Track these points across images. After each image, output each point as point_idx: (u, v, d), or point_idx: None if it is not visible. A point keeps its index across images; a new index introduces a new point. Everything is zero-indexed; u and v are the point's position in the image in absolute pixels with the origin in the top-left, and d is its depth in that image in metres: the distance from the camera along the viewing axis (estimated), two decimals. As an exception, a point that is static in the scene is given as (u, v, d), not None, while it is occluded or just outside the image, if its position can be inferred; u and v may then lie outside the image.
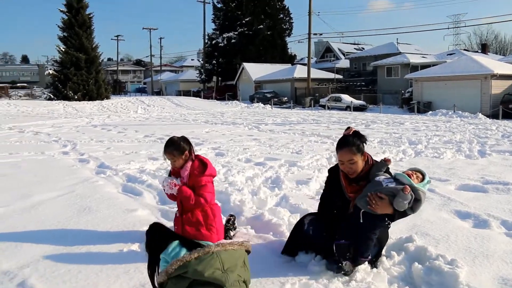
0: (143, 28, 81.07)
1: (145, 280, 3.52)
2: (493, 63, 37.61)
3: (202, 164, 4.41)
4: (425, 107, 35.03)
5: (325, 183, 4.20)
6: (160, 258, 2.85)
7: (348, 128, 3.95)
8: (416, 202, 3.60)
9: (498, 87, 33.95)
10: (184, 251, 2.69)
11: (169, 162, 4.46)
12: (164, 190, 4.41)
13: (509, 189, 6.50)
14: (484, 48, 63.52)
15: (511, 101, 31.33)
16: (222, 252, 2.61)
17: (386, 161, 3.86)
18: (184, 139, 4.42)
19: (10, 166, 9.08)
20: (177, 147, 4.31)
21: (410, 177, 3.65)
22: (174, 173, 4.47)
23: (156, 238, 2.97)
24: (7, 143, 13.35)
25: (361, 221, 3.61)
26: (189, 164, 4.34)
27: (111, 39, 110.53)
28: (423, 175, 3.75)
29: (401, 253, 4.02)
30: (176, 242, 2.79)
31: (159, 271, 2.81)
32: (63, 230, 4.85)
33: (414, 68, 46.23)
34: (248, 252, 2.85)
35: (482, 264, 3.79)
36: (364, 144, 3.85)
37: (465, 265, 3.70)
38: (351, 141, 3.76)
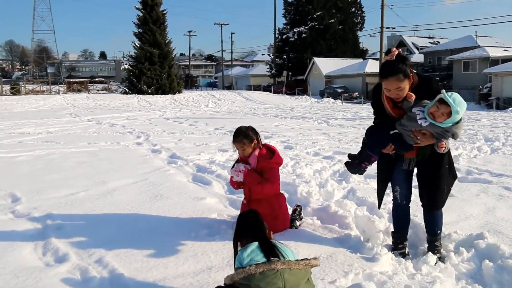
0: (215, 24, 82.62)
1: (212, 263, 3.67)
2: None
3: (270, 151, 4.58)
4: (505, 104, 33.27)
5: (372, 104, 3.96)
6: (238, 253, 2.94)
7: (390, 50, 3.65)
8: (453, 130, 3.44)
9: None
10: (260, 257, 2.75)
11: (237, 152, 4.60)
12: (232, 179, 4.56)
13: None
14: None
15: None
16: (286, 271, 2.65)
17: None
18: (252, 129, 4.57)
19: (88, 154, 9.62)
20: (246, 135, 4.46)
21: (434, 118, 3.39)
22: (242, 161, 4.59)
23: (243, 226, 3.07)
24: (86, 133, 14.13)
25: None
26: (257, 151, 4.49)
27: (184, 35, 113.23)
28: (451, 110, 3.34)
29: (471, 250, 3.92)
30: (255, 245, 2.84)
31: (235, 267, 2.89)
32: (136, 215, 5.11)
33: (494, 62, 43.99)
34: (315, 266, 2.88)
35: (559, 266, 3.60)
36: (407, 65, 3.50)
37: (541, 265, 3.54)
38: (397, 68, 3.42)
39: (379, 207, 4.22)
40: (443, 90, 3.40)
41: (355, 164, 3.95)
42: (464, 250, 3.90)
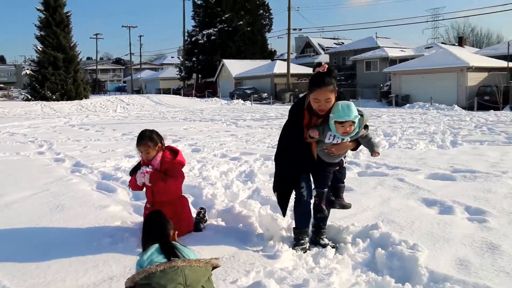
0: (123, 26, 79.95)
1: (113, 273, 3.59)
2: (469, 56, 38.24)
3: (173, 152, 4.60)
4: (403, 100, 35.41)
5: (290, 121, 4.11)
6: (138, 257, 2.90)
7: (320, 64, 3.83)
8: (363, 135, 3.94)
9: (474, 80, 34.52)
10: (160, 258, 2.74)
11: (141, 155, 4.57)
12: (132, 181, 4.52)
13: (475, 176, 6.68)
14: (461, 41, 64.28)
15: (486, 93, 31.87)
16: (187, 268, 2.66)
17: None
18: (156, 132, 4.59)
19: (-17, 167, 9.00)
20: (151, 138, 4.46)
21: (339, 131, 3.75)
22: (144, 164, 4.55)
23: (146, 229, 3.02)
24: (-18, 144, 13.20)
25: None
26: (160, 153, 4.50)
27: (90, 38, 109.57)
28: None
29: (366, 240, 4.14)
30: (155, 247, 2.82)
31: (135, 270, 2.85)
32: (35, 228, 4.86)
33: (393, 61, 46.66)
34: (216, 267, 2.91)
35: (442, 248, 3.92)
36: (336, 78, 3.78)
37: (426, 249, 3.83)
38: (328, 80, 3.66)
39: (284, 215, 4.30)
40: (331, 115, 3.70)
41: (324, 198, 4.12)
42: (360, 241, 4.11)
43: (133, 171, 4.65)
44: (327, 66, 3.79)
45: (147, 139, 4.45)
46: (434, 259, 3.68)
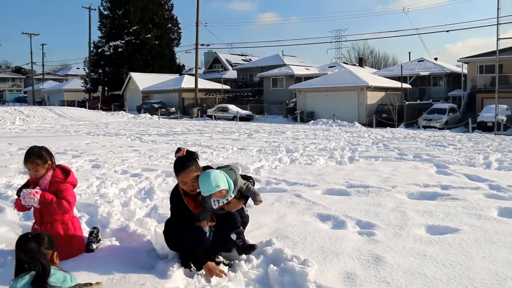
0: (23, 33, 75.81)
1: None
2: (368, 76, 40.54)
3: (64, 172, 4.41)
4: (308, 117, 36.69)
5: (171, 209, 4.23)
6: (10, 284, 2.71)
7: (180, 149, 4.09)
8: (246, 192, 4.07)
9: (373, 98, 36.59)
10: None
11: (28, 173, 4.33)
12: (23, 204, 4.25)
13: (368, 191, 7.03)
14: (361, 62, 67.94)
15: (384, 111, 33.88)
16: None
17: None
18: (46, 149, 4.38)
19: None
20: (40, 155, 4.25)
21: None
22: (33, 183, 4.33)
23: (17, 255, 2.80)
24: None
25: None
26: (50, 172, 4.30)
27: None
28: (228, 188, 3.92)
29: (260, 257, 4.19)
30: (29, 277, 2.63)
31: None
32: None
33: (298, 79, 48.29)
34: None
35: (331, 262, 4.07)
36: (198, 159, 4.06)
37: (316, 263, 3.95)
38: (189, 162, 3.95)
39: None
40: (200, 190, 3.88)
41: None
42: (254, 258, 4.15)
43: (20, 191, 4.39)
44: (185, 149, 4.06)
45: (35, 156, 4.23)
46: (322, 273, 3.81)
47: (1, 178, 8.50)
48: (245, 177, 4.25)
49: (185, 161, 3.96)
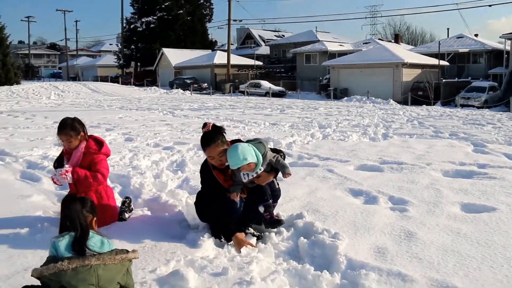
0: (57, 10, 77.09)
1: (29, 264, 3.44)
2: (404, 52, 39.62)
3: (98, 143, 4.45)
4: (341, 94, 36.24)
5: (201, 182, 4.27)
6: (52, 241, 2.77)
7: (206, 124, 4.08)
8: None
9: (408, 75, 35.83)
10: (68, 254, 2.63)
11: (61, 144, 4.39)
12: (57, 183, 4.31)
13: (402, 168, 6.90)
14: (397, 38, 66.31)
15: (420, 88, 33.15)
16: (100, 267, 2.57)
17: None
18: (78, 120, 4.42)
19: None
20: (73, 127, 4.29)
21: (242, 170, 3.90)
22: (67, 153, 4.38)
23: (62, 215, 2.87)
24: None
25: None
26: (84, 144, 4.35)
27: (21, 20, 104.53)
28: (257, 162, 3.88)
29: (290, 229, 4.18)
30: (70, 236, 2.70)
31: (49, 253, 2.74)
32: None
33: (332, 55, 47.59)
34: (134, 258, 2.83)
35: (362, 236, 4.02)
36: (224, 133, 4.02)
37: (347, 237, 3.91)
38: (214, 137, 3.93)
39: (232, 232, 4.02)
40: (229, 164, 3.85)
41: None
42: (284, 230, 4.15)
43: (56, 165, 4.45)
44: (211, 124, 4.05)
45: (69, 127, 4.27)
46: (353, 247, 3.77)
47: (38, 149, 8.71)
48: (275, 151, 4.21)
49: (211, 136, 3.94)
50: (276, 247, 3.88)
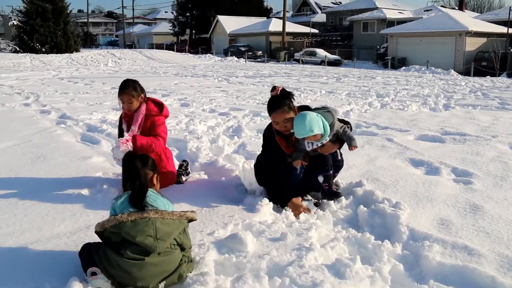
0: (115, -22, 78.27)
1: (90, 222, 3.53)
2: (469, 20, 37.70)
3: (158, 105, 4.47)
4: (399, 63, 35.13)
5: (263, 146, 4.20)
6: (111, 203, 2.82)
7: (274, 88, 3.97)
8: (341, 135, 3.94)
9: (472, 44, 34.20)
10: (127, 209, 2.67)
11: (122, 106, 4.41)
12: (117, 158, 4.21)
13: (465, 139, 6.60)
14: (461, 5, 62.92)
15: (484, 58, 31.60)
16: (159, 220, 2.60)
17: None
18: (138, 83, 4.43)
19: (-33, 116, 8.85)
20: (134, 88, 4.33)
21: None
22: (126, 117, 4.42)
23: (124, 172, 2.92)
24: (-33, 94, 12.95)
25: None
26: (144, 106, 4.36)
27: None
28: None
29: (350, 197, 4.10)
30: (125, 196, 2.75)
31: (109, 214, 2.79)
32: (14, 178, 4.77)
33: (391, 23, 46.02)
34: (192, 220, 2.83)
35: (424, 207, 3.87)
36: (293, 99, 3.91)
37: (408, 207, 3.78)
38: (281, 102, 3.81)
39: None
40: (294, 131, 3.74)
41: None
42: (343, 198, 4.06)
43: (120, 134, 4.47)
44: (280, 88, 3.92)
45: (131, 88, 4.30)
46: (415, 218, 3.64)
47: (97, 113, 8.95)
48: (342, 121, 4.08)
49: (278, 100, 3.83)
50: (334, 214, 3.81)
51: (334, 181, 4.17)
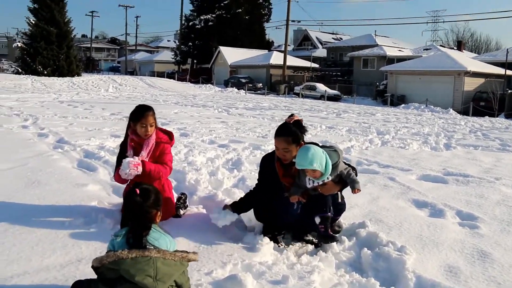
0: (119, 5, 79.29)
1: (83, 255, 3.38)
2: (467, 60, 38.14)
3: (166, 133, 4.40)
4: (398, 100, 35.31)
5: (259, 173, 4.18)
6: (111, 237, 2.70)
7: (292, 115, 3.94)
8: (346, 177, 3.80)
9: (470, 84, 34.46)
10: (124, 246, 2.54)
11: (140, 131, 4.19)
12: (123, 177, 4.06)
13: (468, 181, 6.49)
14: (459, 45, 64.03)
15: (482, 98, 31.80)
16: (160, 260, 2.47)
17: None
18: None
19: (-37, 137, 8.72)
20: (154, 112, 4.24)
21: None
22: (133, 142, 4.24)
23: (126, 206, 2.79)
24: (-36, 115, 12.85)
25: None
26: (155, 133, 4.25)
27: (86, 15, 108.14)
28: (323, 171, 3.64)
29: (352, 239, 3.96)
30: (125, 232, 2.62)
31: (107, 249, 2.66)
32: (6, 203, 4.61)
33: (390, 61, 46.50)
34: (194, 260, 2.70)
35: (431, 252, 3.73)
36: (304, 134, 3.88)
37: (414, 252, 3.64)
38: (290, 131, 3.80)
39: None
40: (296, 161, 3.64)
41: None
42: (346, 239, 3.92)
43: (119, 162, 4.26)
44: (296, 118, 3.91)
45: (152, 111, 4.21)
46: (422, 263, 3.49)
47: (95, 139, 8.84)
48: (348, 166, 3.97)
49: (287, 128, 3.83)
50: (337, 256, 3.66)
51: (336, 222, 4.03)
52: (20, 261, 3.24)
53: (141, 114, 4.15)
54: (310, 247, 3.85)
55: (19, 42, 50.46)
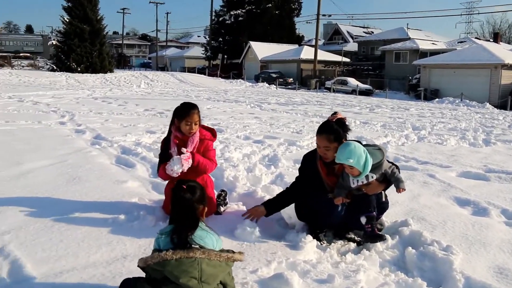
0: (150, 2, 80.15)
1: (127, 252, 3.42)
2: (504, 53, 37.01)
3: (209, 130, 4.41)
4: (432, 95, 34.65)
5: (299, 171, 4.15)
6: (157, 235, 2.69)
7: (335, 113, 3.90)
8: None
9: (508, 78, 33.52)
10: (170, 245, 2.54)
11: (185, 129, 4.18)
12: (174, 171, 4.00)
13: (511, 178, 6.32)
14: (496, 37, 62.05)
15: (521, 92, 30.89)
16: (205, 261, 2.45)
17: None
18: None
19: (5, 133, 8.96)
20: (198, 110, 4.23)
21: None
22: (177, 139, 4.25)
23: (173, 203, 2.76)
24: (5, 111, 13.20)
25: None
26: (198, 130, 4.25)
27: (117, 12, 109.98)
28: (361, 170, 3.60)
29: (395, 237, 3.90)
30: (169, 228, 2.62)
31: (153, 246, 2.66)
32: (49, 199, 4.71)
33: (423, 54, 45.63)
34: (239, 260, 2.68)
35: (478, 252, 3.64)
36: (346, 133, 3.82)
37: (461, 252, 3.56)
38: (331, 129, 3.76)
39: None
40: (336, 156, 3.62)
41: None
42: (389, 238, 3.86)
43: (162, 160, 4.28)
44: (339, 117, 3.86)
45: (197, 109, 4.19)
46: (469, 264, 3.41)
47: (131, 136, 8.94)
48: (391, 163, 3.91)
49: (329, 125, 3.80)
50: (381, 255, 3.62)
51: (378, 220, 3.98)
52: (68, 257, 3.30)
53: (186, 112, 4.13)
54: (353, 245, 3.82)
55: (53, 40, 51.63)
